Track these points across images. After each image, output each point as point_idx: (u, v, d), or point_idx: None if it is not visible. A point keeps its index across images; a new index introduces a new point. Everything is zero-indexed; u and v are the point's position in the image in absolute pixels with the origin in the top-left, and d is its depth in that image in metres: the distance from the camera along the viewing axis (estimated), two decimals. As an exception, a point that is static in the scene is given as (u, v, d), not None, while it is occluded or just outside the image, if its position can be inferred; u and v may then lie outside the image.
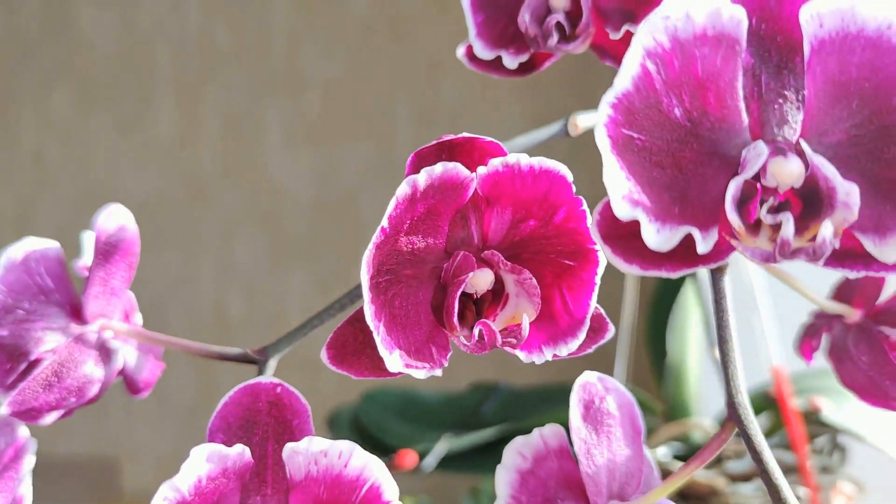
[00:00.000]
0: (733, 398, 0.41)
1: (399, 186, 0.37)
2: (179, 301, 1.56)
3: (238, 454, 0.36)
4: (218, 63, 1.60)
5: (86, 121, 1.65)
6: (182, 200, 1.61)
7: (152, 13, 1.63)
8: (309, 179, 1.52)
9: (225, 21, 1.60)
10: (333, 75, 1.53)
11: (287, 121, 1.56)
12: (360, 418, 0.89)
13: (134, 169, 1.63)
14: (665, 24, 0.33)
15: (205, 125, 1.60)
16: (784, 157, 0.33)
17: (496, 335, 0.38)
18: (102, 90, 1.65)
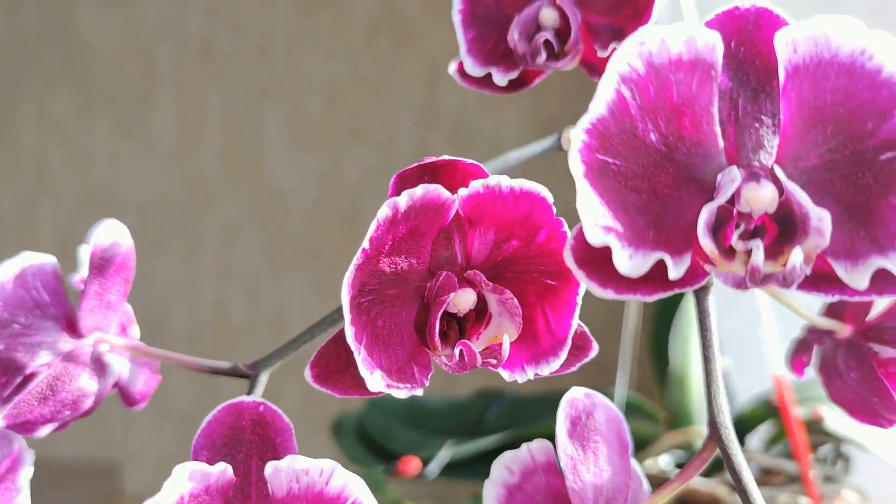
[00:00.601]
0: (714, 418, 0.41)
1: (380, 208, 0.37)
2: (180, 304, 1.57)
3: (220, 472, 0.36)
4: (219, 66, 1.61)
5: (87, 124, 1.66)
6: (183, 203, 1.62)
7: (154, 16, 1.63)
8: (310, 183, 1.53)
9: (226, 24, 1.60)
10: (335, 79, 1.53)
11: (288, 124, 1.57)
12: (364, 425, 0.90)
13: (135, 172, 1.64)
14: (640, 50, 0.34)
15: (206, 128, 1.61)
16: (757, 183, 0.33)
17: (476, 355, 0.38)
18: (103, 93, 1.66)
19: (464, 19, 0.50)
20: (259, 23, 1.59)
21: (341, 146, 1.51)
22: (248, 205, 1.55)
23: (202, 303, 1.56)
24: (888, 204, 0.33)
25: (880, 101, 0.33)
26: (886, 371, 0.47)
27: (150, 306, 1.52)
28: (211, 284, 1.56)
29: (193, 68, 1.61)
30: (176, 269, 1.56)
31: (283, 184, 1.54)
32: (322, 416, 1.34)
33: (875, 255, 0.33)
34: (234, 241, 1.54)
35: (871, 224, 0.33)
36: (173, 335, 1.55)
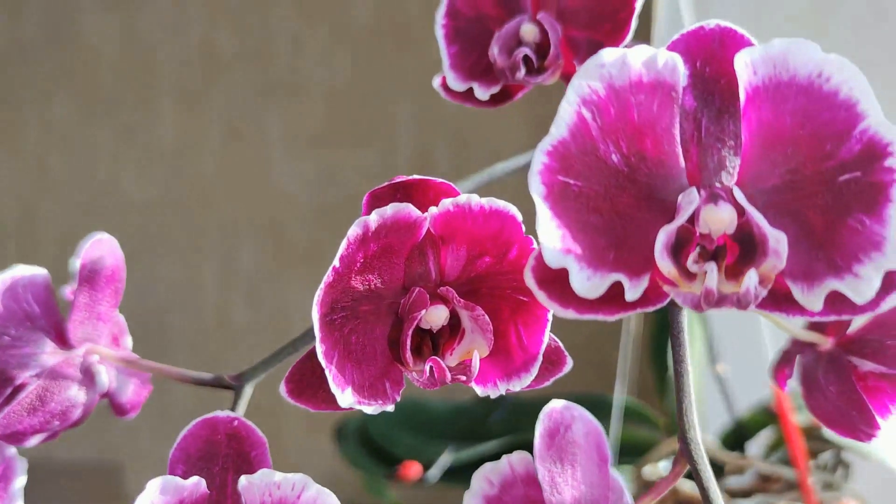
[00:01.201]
0: (685, 433, 0.41)
1: (351, 227, 0.38)
2: (182, 307, 1.58)
3: (194, 485, 0.37)
4: (220, 69, 1.61)
5: (88, 127, 1.66)
6: (184, 206, 1.62)
7: (154, 20, 1.64)
8: (311, 185, 1.53)
9: (227, 27, 1.60)
10: (336, 82, 1.53)
11: (289, 127, 1.57)
12: (367, 429, 0.91)
13: (136, 175, 1.64)
14: (600, 72, 0.34)
15: (207, 131, 1.61)
16: (715, 205, 0.33)
17: (445, 372, 0.39)
18: (105, 96, 1.66)
19: (446, 34, 0.50)
20: (260, 26, 1.59)
21: (342, 149, 1.52)
22: (249, 208, 1.56)
23: (203, 306, 1.57)
24: (846, 226, 0.33)
25: (838, 123, 0.33)
26: (865, 384, 0.47)
27: (152, 309, 1.53)
28: (212, 287, 1.56)
29: (194, 72, 1.61)
30: (177, 272, 1.57)
31: (284, 187, 1.54)
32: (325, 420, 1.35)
33: (831, 278, 0.33)
34: (235, 244, 1.54)
35: (829, 246, 0.34)
36: (175, 338, 1.56)
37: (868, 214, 0.33)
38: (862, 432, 0.47)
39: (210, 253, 1.55)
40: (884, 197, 0.33)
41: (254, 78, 1.58)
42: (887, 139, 0.33)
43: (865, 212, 0.33)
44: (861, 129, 0.33)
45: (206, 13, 1.60)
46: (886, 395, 0.47)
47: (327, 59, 1.54)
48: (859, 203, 0.33)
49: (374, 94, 1.48)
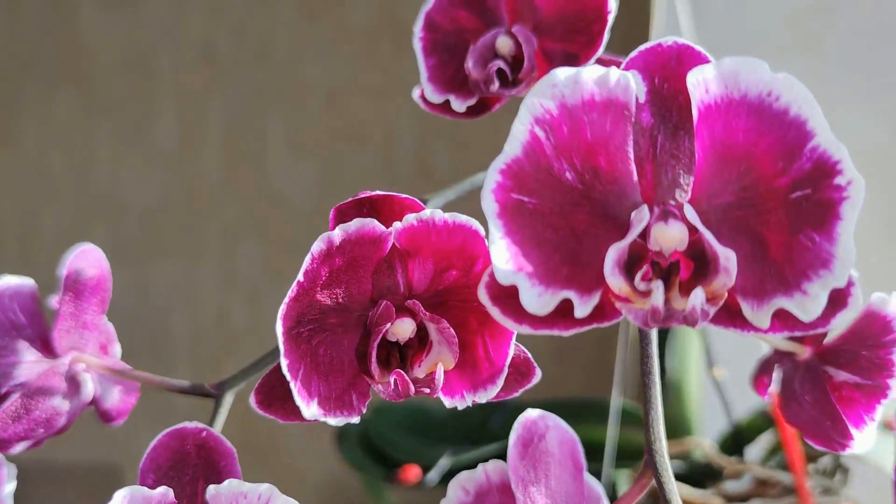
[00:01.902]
0: (651, 445, 0.42)
1: (315, 242, 0.39)
2: (182, 309, 1.58)
3: (161, 495, 0.38)
4: (220, 72, 1.61)
5: (88, 129, 1.67)
6: (184, 208, 1.62)
7: (154, 21, 1.64)
8: (311, 188, 1.54)
9: (227, 29, 1.60)
10: (335, 84, 1.53)
11: (289, 129, 1.58)
12: (368, 432, 0.91)
13: (136, 177, 1.65)
14: (552, 91, 0.34)
15: (207, 133, 1.61)
16: (665, 223, 0.34)
17: (409, 384, 0.40)
18: (105, 99, 1.67)
19: (424, 47, 0.51)
20: (259, 28, 1.59)
21: (342, 151, 1.52)
22: (250, 210, 1.56)
23: (203, 308, 1.57)
24: (798, 243, 0.34)
25: (789, 141, 0.34)
26: (840, 395, 0.47)
27: (152, 310, 1.54)
28: (212, 289, 1.57)
29: (194, 73, 1.62)
30: (177, 274, 1.58)
31: (284, 189, 1.55)
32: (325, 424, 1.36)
33: (780, 295, 0.33)
34: (235, 246, 1.55)
35: (781, 263, 0.34)
36: (175, 340, 1.56)
37: (818, 232, 0.33)
38: (836, 442, 0.47)
39: (210, 253, 1.55)
40: (833, 214, 0.33)
41: (254, 78, 1.58)
42: (836, 157, 0.33)
43: (816, 229, 0.33)
44: (811, 146, 0.33)
45: (206, 13, 1.61)
46: (861, 406, 0.47)
47: (327, 60, 1.54)
48: (810, 220, 0.33)
49: (374, 94, 1.48)
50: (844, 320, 0.34)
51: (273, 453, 1.43)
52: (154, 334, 1.52)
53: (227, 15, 1.60)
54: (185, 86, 1.61)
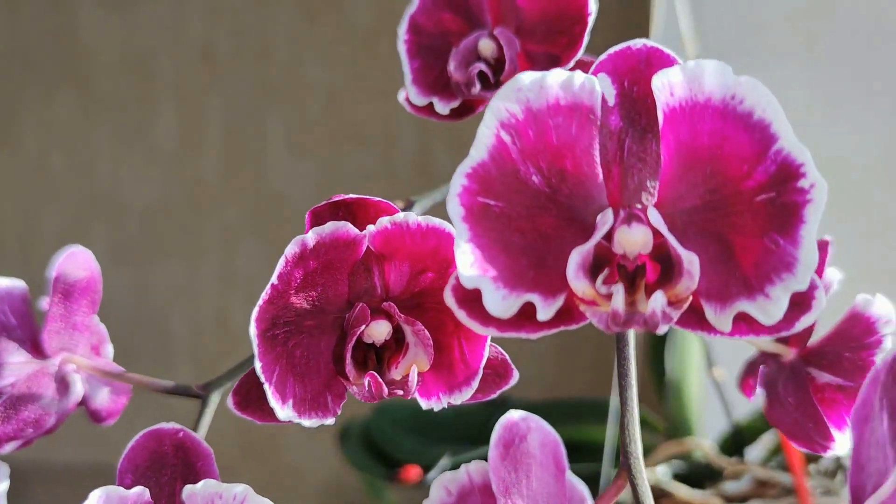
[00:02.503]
0: (626, 447, 0.42)
1: (288, 245, 0.39)
2: (182, 309, 1.59)
3: (137, 495, 0.38)
4: (220, 71, 1.61)
5: (88, 129, 1.67)
6: (184, 208, 1.63)
7: (154, 22, 1.64)
8: (311, 187, 1.54)
9: (226, 29, 1.60)
10: (335, 84, 1.53)
11: (289, 129, 1.58)
12: (370, 431, 0.92)
13: (136, 177, 1.65)
14: (517, 96, 0.34)
15: (207, 133, 1.61)
16: (628, 226, 0.34)
17: (382, 387, 0.40)
18: (105, 99, 1.67)
19: (409, 49, 0.51)
20: (259, 28, 1.59)
21: (342, 151, 1.52)
22: (249, 209, 1.56)
23: (204, 307, 1.58)
24: (762, 246, 0.34)
25: (754, 144, 0.33)
26: (822, 396, 0.47)
27: (152, 310, 1.55)
28: (212, 289, 1.57)
29: (194, 73, 1.62)
30: (177, 274, 1.58)
31: (283, 188, 1.55)
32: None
33: (742, 299, 0.33)
34: (235, 246, 1.55)
35: (746, 266, 0.34)
36: (175, 340, 1.57)
37: (782, 235, 0.33)
38: (818, 444, 0.47)
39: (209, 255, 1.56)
40: (797, 217, 0.33)
41: (253, 78, 1.59)
42: (800, 160, 0.33)
43: (780, 232, 0.33)
44: (775, 149, 0.33)
45: (205, 13, 1.61)
46: (843, 408, 0.47)
47: (327, 59, 1.54)
48: (774, 223, 0.33)
49: (374, 95, 1.49)
50: (807, 323, 0.34)
51: (273, 453, 1.44)
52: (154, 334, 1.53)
53: (227, 15, 1.60)
54: (185, 86, 1.62)
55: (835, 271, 0.51)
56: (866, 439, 0.30)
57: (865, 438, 0.30)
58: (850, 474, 0.29)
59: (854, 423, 0.29)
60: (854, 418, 0.29)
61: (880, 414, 0.30)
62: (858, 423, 0.29)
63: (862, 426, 0.29)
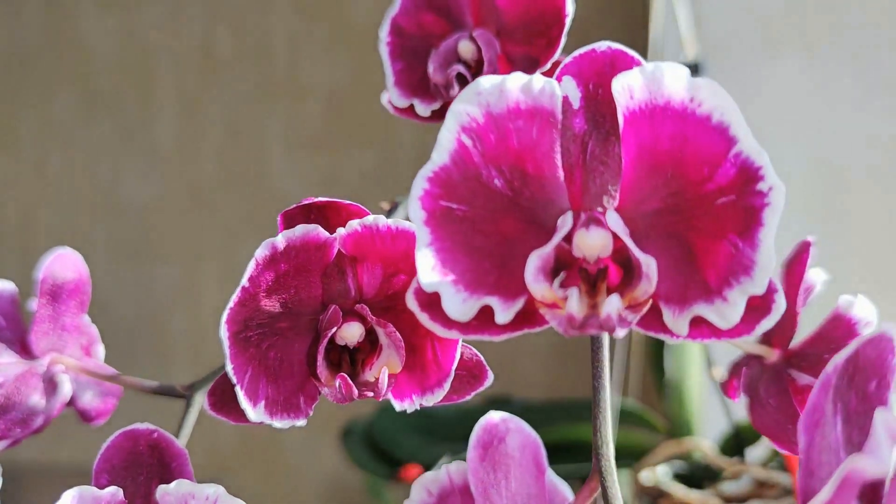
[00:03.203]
0: (598, 449, 0.42)
1: (258, 248, 0.39)
2: (182, 309, 1.59)
3: (110, 494, 0.39)
4: (219, 70, 1.61)
5: (88, 128, 1.67)
6: (184, 208, 1.63)
7: (154, 21, 1.64)
8: (311, 187, 1.53)
9: (226, 28, 1.60)
10: (335, 83, 1.53)
11: (289, 128, 1.57)
12: (373, 431, 0.92)
13: (136, 176, 1.65)
14: (478, 100, 0.35)
15: (206, 132, 1.61)
16: (586, 230, 0.34)
17: (352, 388, 0.40)
18: (104, 98, 1.67)
19: (391, 52, 0.51)
20: (259, 27, 1.59)
21: (342, 150, 1.52)
22: (249, 209, 1.56)
23: (204, 307, 1.58)
24: (722, 249, 0.33)
25: (714, 147, 0.33)
26: (802, 398, 0.47)
27: (152, 310, 1.55)
28: (212, 289, 1.58)
29: (194, 73, 1.62)
30: (177, 274, 1.58)
31: (283, 188, 1.55)
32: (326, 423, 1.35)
33: (701, 302, 0.33)
34: (235, 246, 1.55)
35: (705, 269, 0.34)
36: (174, 339, 1.57)
37: (742, 238, 0.33)
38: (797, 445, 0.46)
39: (210, 253, 1.56)
40: (756, 221, 0.33)
41: (253, 78, 1.59)
42: (758, 163, 0.33)
43: (740, 235, 0.33)
44: (735, 152, 0.33)
45: (204, 14, 1.61)
46: (823, 410, 0.46)
47: (327, 59, 1.54)
48: (734, 226, 0.33)
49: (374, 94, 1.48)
50: (767, 327, 0.34)
51: (273, 453, 1.44)
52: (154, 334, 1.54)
53: (227, 15, 1.60)
54: (185, 86, 1.62)
55: (819, 272, 0.51)
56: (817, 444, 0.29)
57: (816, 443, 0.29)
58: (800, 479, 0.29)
59: (804, 428, 0.29)
60: (804, 423, 0.29)
61: (833, 419, 0.30)
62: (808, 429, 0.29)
63: (812, 431, 0.29)
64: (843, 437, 0.30)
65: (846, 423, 0.30)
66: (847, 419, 0.31)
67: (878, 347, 0.30)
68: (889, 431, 0.26)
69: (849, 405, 0.31)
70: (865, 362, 0.30)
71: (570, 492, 0.52)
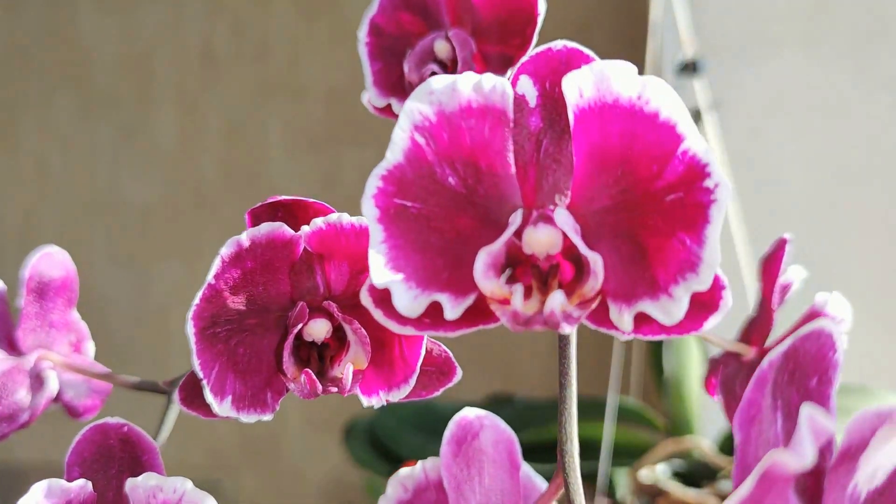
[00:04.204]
0: (562, 445, 0.42)
1: (223, 246, 0.40)
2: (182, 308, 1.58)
3: (80, 487, 0.40)
4: (219, 71, 1.61)
5: (88, 128, 1.68)
6: (184, 208, 1.63)
7: (153, 21, 1.64)
8: (311, 186, 1.53)
9: (226, 29, 1.60)
10: (335, 83, 1.53)
11: (288, 128, 1.57)
12: (375, 429, 0.93)
13: (136, 176, 1.65)
14: (430, 99, 0.35)
15: (206, 132, 1.61)
16: (534, 227, 0.34)
17: (317, 384, 0.41)
18: (104, 98, 1.67)
19: (370, 52, 0.52)
20: (259, 27, 1.59)
21: (341, 150, 1.51)
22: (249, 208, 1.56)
23: None
24: (671, 246, 0.34)
25: (662, 144, 0.34)
26: (775, 397, 0.47)
27: (152, 310, 1.55)
28: None
29: (193, 73, 1.62)
30: (177, 273, 1.58)
31: (282, 188, 1.55)
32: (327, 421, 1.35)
33: (646, 298, 0.33)
34: None
35: (654, 265, 0.34)
36: (174, 338, 1.58)
37: (689, 234, 0.33)
38: (770, 445, 0.46)
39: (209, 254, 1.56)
40: (703, 217, 0.33)
41: (253, 78, 1.59)
42: (705, 160, 0.33)
43: (687, 232, 0.33)
44: (682, 149, 0.33)
45: (204, 14, 1.61)
46: (796, 408, 0.46)
47: (326, 59, 1.54)
48: (682, 223, 0.33)
49: None
50: (714, 323, 0.34)
51: (273, 452, 1.45)
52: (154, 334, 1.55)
53: (226, 15, 1.60)
54: (185, 86, 1.62)
55: (798, 269, 0.51)
56: (753, 440, 0.30)
57: (752, 439, 0.30)
58: (735, 475, 0.29)
59: (739, 424, 0.29)
60: (739, 419, 0.29)
61: (772, 415, 0.30)
62: (744, 425, 0.29)
63: (748, 427, 0.29)
64: (783, 433, 0.30)
65: (787, 419, 0.31)
66: (788, 415, 0.31)
67: (817, 343, 0.30)
68: (813, 427, 0.26)
69: (790, 401, 0.31)
70: (805, 358, 0.30)
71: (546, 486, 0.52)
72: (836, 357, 0.30)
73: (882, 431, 0.29)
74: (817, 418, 0.26)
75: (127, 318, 1.52)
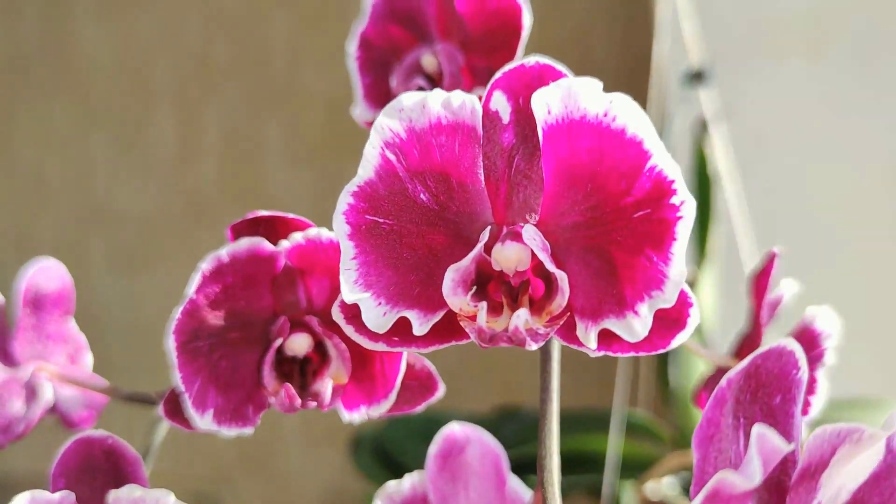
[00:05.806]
0: (542, 460, 0.42)
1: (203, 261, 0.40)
2: None
3: (62, 497, 0.40)
4: (218, 79, 1.60)
5: (85, 137, 1.67)
6: (182, 217, 1.62)
7: (151, 29, 1.64)
8: (309, 196, 1.53)
9: (225, 37, 1.60)
10: (334, 92, 1.52)
11: (287, 137, 1.57)
12: (382, 441, 0.92)
13: (134, 186, 1.64)
14: (400, 116, 0.35)
15: (205, 142, 1.61)
16: (502, 244, 0.34)
17: (296, 398, 0.41)
18: (101, 107, 1.67)
19: (360, 66, 0.52)
20: (257, 36, 1.58)
21: (340, 160, 1.50)
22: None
23: None
24: (639, 262, 0.34)
25: (630, 161, 0.34)
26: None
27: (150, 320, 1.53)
28: None
29: (191, 82, 1.61)
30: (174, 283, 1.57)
31: (281, 197, 1.54)
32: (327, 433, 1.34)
33: (612, 316, 0.33)
34: None
35: (622, 282, 0.34)
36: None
37: (656, 251, 0.33)
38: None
39: None
40: (669, 234, 0.33)
41: (252, 87, 1.57)
42: (671, 177, 0.33)
43: (654, 248, 0.33)
44: (649, 166, 0.33)
45: (202, 22, 1.60)
46: (783, 423, 0.46)
47: (325, 68, 1.53)
48: (649, 240, 0.33)
49: None
50: (682, 340, 0.33)
51: (272, 462, 1.44)
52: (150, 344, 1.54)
53: (225, 23, 1.59)
54: (183, 94, 1.61)
55: (791, 283, 0.51)
56: (711, 458, 0.29)
57: (710, 458, 0.29)
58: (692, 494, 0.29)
59: (697, 442, 0.29)
60: (697, 438, 0.29)
61: (734, 433, 0.30)
62: (702, 443, 0.29)
63: (706, 446, 0.29)
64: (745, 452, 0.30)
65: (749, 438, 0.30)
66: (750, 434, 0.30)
67: (779, 362, 0.30)
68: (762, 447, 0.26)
69: (753, 419, 0.30)
70: (768, 377, 0.30)
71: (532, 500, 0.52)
72: (800, 375, 0.30)
73: (843, 450, 0.29)
74: (767, 438, 0.26)
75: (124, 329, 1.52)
